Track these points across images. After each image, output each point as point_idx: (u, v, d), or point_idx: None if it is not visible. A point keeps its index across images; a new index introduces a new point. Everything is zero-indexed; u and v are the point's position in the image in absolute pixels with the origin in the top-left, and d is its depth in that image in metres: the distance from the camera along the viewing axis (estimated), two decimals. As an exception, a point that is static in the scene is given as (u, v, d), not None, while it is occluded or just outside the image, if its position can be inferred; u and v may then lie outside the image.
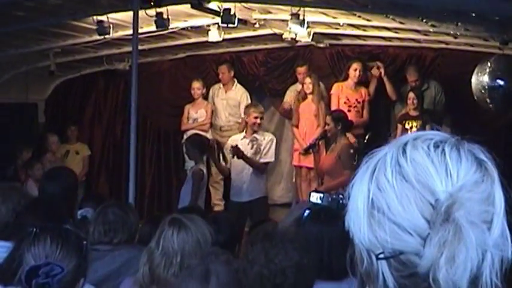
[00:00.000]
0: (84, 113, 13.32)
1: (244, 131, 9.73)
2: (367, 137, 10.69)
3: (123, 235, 4.84)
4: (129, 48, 9.53)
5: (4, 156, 11.42)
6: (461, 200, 1.29)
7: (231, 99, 11.88)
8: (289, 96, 11.74)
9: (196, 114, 11.75)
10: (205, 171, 9.24)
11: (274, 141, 9.75)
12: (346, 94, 11.10)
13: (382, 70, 11.11)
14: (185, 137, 11.10)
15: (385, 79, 11.11)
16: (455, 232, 1.27)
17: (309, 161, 10.65)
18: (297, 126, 11.24)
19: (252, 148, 9.44)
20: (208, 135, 11.07)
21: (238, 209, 9.26)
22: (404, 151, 1.36)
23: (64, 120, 13.01)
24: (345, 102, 11.02)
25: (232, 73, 11.92)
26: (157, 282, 3.89)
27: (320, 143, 9.93)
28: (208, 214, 8.21)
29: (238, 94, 11.89)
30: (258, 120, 9.53)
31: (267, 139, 9.59)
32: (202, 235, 4.00)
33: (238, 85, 12.00)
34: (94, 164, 13.04)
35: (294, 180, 11.52)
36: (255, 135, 9.52)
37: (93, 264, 4.68)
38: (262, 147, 9.50)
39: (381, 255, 1.32)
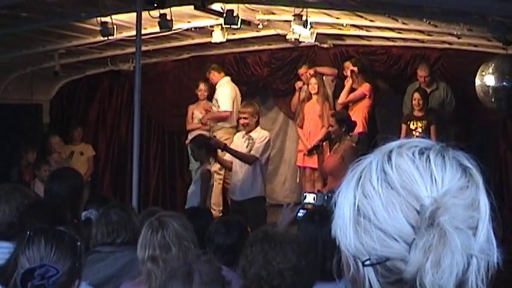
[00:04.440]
0: (89, 114, 13.35)
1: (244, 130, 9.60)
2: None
3: (126, 236, 4.86)
4: (133, 49, 9.55)
5: (9, 157, 11.46)
6: (445, 205, 1.29)
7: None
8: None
9: (200, 114, 11.74)
10: (212, 171, 9.23)
11: (267, 139, 9.49)
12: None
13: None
14: (189, 137, 11.11)
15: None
16: (440, 237, 1.27)
17: (313, 162, 10.65)
18: (302, 127, 11.25)
19: (247, 147, 9.35)
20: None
21: (234, 207, 9.23)
22: (389, 158, 1.36)
23: (69, 121, 13.04)
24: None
25: None
26: None
27: (324, 143, 9.93)
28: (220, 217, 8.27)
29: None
30: (242, 120, 9.45)
31: (260, 136, 9.39)
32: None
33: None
34: (99, 165, 13.06)
35: (298, 180, 11.53)
36: (250, 134, 9.41)
37: (96, 265, 4.73)
38: (254, 145, 9.34)
39: (367, 262, 1.32)
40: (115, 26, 9.62)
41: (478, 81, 9.60)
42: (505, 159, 11.07)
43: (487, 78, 9.46)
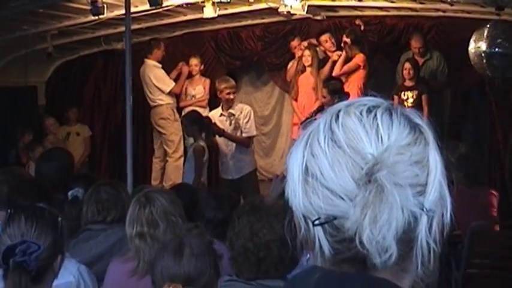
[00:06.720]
0: (84, 94, 13.30)
1: (221, 107, 9.58)
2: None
3: (116, 213, 4.88)
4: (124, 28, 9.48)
5: (5, 140, 11.46)
6: (385, 161, 1.28)
7: None
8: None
9: (194, 90, 11.68)
10: (206, 147, 9.22)
11: (252, 113, 9.56)
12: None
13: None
14: (183, 113, 11.08)
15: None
16: (377, 192, 1.26)
17: (308, 135, 10.59)
18: (296, 100, 11.21)
19: (230, 124, 9.34)
20: (207, 112, 11.04)
21: (228, 186, 9.18)
22: (337, 117, 1.36)
23: (64, 102, 12.96)
24: None
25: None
26: None
27: (317, 116, 9.89)
28: (211, 190, 8.26)
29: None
30: (231, 96, 9.41)
31: (244, 112, 9.40)
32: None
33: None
34: (96, 145, 13.04)
35: (294, 154, 11.48)
36: (230, 110, 9.40)
37: (87, 243, 4.75)
38: (240, 122, 9.35)
39: (317, 222, 1.31)
40: (105, 5, 9.55)
41: (471, 48, 9.53)
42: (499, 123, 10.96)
43: (480, 45, 9.39)
